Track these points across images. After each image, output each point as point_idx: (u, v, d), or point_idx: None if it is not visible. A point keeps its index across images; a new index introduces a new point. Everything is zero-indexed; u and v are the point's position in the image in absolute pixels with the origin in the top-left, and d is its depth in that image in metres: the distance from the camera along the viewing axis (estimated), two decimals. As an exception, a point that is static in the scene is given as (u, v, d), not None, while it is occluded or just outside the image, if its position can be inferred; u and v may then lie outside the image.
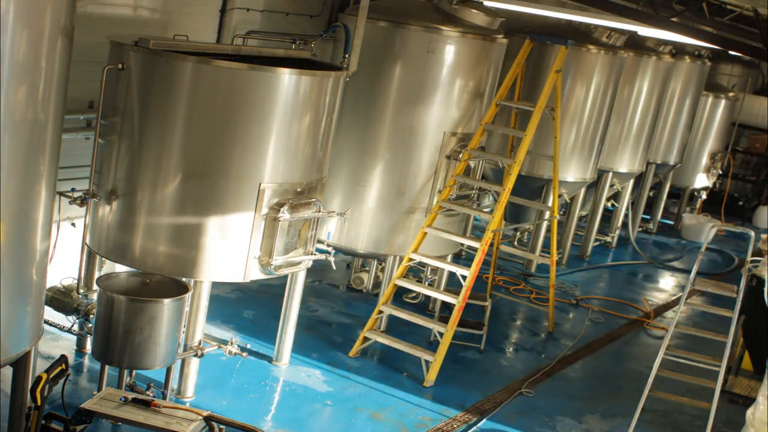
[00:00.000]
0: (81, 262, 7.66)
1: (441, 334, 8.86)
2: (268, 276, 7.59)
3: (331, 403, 8.02)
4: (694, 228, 17.05)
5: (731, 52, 16.83)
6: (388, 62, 9.22)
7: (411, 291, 10.39)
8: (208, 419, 5.99)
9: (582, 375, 9.69)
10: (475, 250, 9.15)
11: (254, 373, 8.33)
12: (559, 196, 11.89)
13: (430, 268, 10.47)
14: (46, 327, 6.81)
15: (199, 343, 7.53)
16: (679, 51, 14.78)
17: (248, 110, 7.03)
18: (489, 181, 11.64)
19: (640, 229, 16.69)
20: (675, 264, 15.06)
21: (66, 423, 5.96)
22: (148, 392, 7.10)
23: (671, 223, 17.87)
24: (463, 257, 12.42)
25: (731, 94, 17.55)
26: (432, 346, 9.21)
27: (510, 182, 9.33)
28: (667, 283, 14.01)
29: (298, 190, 7.53)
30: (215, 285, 7.96)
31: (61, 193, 6.96)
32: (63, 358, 6.02)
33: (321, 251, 8.09)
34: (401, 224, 9.51)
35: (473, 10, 9.42)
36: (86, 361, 7.92)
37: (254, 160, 7.14)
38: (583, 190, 13.39)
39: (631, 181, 14.94)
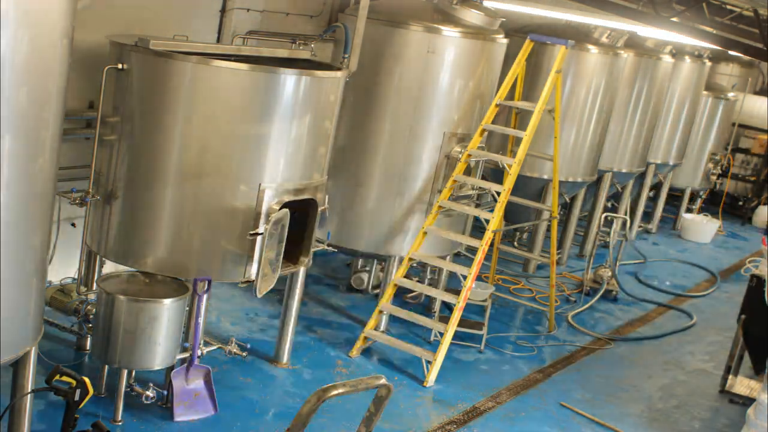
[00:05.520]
0: (81, 262, 7.65)
1: (441, 334, 8.87)
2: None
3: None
4: (693, 228, 17.05)
5: (731, 52, 16.84)
6: (388, 62, 9.22)
7: (411, 291, 10.39)
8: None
9: (583, 375, 9.68)
10: (475, 250, 9.15)
11: (253, 373, 8.33)
12: (559, 195, 11.89)
13: (429, 268, 10.46)
14: (46, 327, 6.81)
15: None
16: (679, 51, 14.78)
17: (248, 110, 7.03)
18: (489, 181, 11.63)
19: (639, 229, 16.68)
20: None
21: None
22: (147, 392, 7.11)
23: (671, 222, 17.87)
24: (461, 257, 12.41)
25: (731, 94, 17.55)
26: (432, 346, 9.21)
27: (510, 182, 9.34)
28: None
29: (299, 190, 7.53)
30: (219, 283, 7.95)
31: (61, 193, 6.96)
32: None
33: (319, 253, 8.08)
34: (401, 224, 9.51)
35: (473, 10, 9.42)
36: (86, 361, 7.92)
37: (254, 161, 7.14)
38: (583, 191, 13.39)
39: (631, 181, 14.94)
